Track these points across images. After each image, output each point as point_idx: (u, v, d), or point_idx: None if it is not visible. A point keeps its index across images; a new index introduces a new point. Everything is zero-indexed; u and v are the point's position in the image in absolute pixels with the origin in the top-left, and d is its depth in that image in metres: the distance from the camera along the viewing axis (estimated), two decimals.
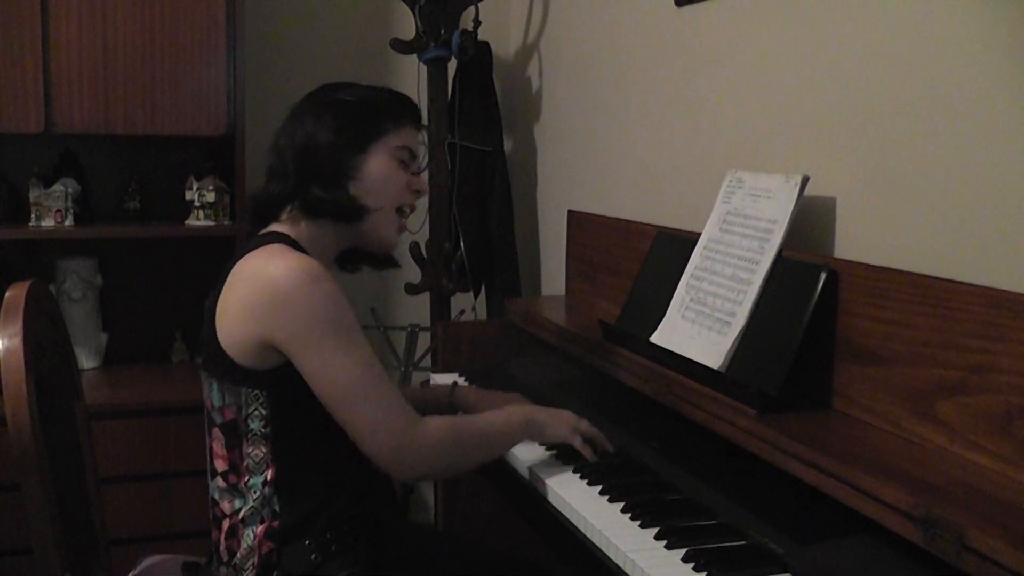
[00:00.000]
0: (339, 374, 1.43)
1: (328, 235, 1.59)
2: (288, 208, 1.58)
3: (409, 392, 1.98)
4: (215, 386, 1.51)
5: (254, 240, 1.56)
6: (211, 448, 1.55)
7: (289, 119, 1.60)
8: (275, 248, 1.50)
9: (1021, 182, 1.29)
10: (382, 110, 1.59)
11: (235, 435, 1.50)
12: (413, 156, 1.63)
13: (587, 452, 1.62)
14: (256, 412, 1.48)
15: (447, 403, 1.89)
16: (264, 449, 1.49)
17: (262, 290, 1.44)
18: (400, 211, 1.63)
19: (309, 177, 1.55)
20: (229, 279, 1.50)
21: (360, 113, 1.57)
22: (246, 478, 1.50)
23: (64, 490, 1.47)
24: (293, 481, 1.50)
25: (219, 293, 1.52)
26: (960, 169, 1.39)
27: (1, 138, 2.76)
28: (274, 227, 1.58)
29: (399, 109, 1.62)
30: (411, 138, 1.62)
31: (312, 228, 1.57)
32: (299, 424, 1.48)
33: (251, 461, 1.50)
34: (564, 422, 1.65)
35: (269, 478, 1.49)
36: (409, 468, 1.49)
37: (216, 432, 1.53)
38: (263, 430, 1.48)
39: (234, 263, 1.51)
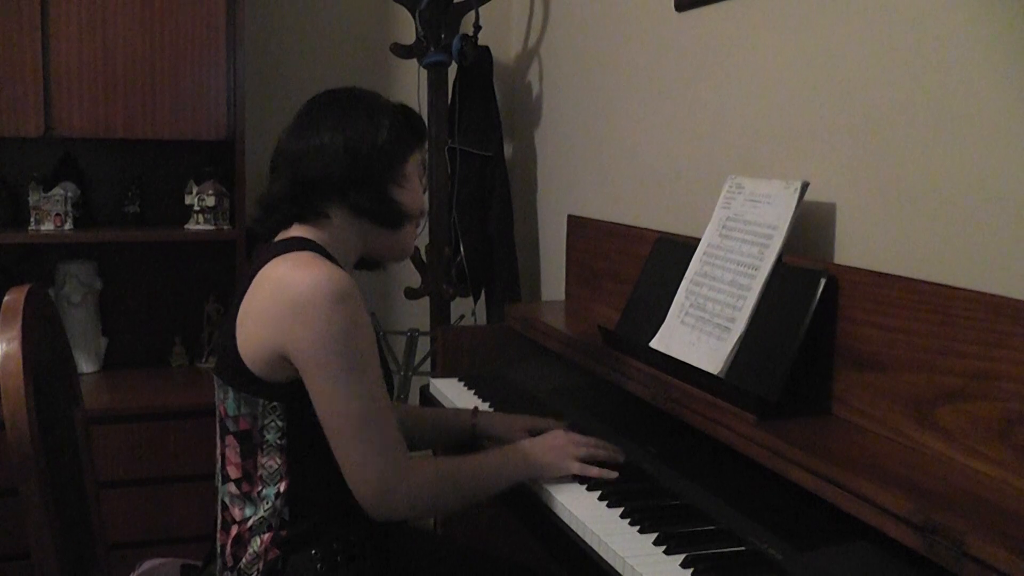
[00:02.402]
0: (340, 403, 1.41)
1: (353, 239, 1.57)
2: (329, 206, 1.54)
3: (426, 414, 1.92)
4: (231, 394, 1.49)
5: (278, 245, 1.51)
6: (223, 454, 1.53)
7: (336, 114, 1.55)
8: (306, 257, 1.46)
9: (1021, 188, 1.29)
10: (412, 124, 1.63)
11: (250, 445, 1.49)
12: (425, 171, 1.68)
13: (605, 475, 1.56)
14: (272, 424, 1.47)
15: (470, 428, 1.83)
16: (279, 460, 1.48)
17: (286, 300, 1.40)
18: (418, 223, 1.67)
19: (360, 175, 1.53)
20: (254, 284, 1.46)
21: (404, 121, 1.60)
22: (259, 488, 1.49)
23: (63, 494, 1.46)
24: (306, 493, 1.48)
25: (241, 298, 1.48)
26: (960, 175, 1.39)
27: (1, 141, 2.76)
28: (297, 231, 1.54)
29: (421, 125, 1.66)
30: (425, 154, 1.68)
31: (340, 230, 1.55)
32: (315, 438, 1.45)
33: (265, 472, 1.48)
34: (562, 456, 1.59)
35: (282, 489, 1.48)
36: (389, 512, 1.45)
37: (230, 439, 1.51)
38: (279, 442, 1.47)
39: (256, 268, 1.48)
